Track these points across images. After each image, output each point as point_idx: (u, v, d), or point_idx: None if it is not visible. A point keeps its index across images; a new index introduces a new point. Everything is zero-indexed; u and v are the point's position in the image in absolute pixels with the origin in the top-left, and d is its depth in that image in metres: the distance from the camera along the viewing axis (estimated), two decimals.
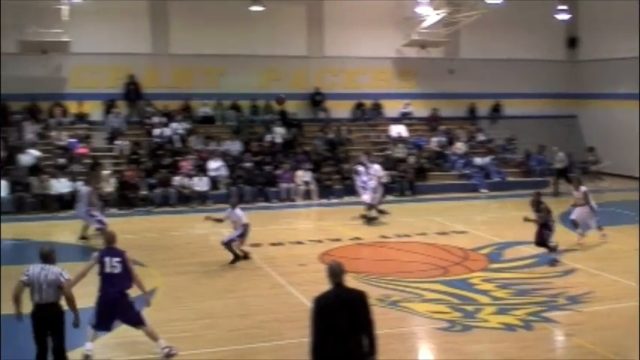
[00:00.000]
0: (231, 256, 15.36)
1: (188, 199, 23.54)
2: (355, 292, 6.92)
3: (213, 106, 28.23)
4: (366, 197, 20.48)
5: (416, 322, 11.76)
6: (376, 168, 20.94)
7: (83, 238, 18.07)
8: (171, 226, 20.54)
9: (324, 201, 24.49)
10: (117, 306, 9.47)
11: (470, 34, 29.72)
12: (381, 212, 20.81)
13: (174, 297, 12.90)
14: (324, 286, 6.90)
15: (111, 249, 9.51)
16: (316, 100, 29.32)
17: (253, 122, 28.28)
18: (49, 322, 8.34)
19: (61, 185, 22.46)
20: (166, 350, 9.76)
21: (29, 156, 23.66)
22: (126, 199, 22.96)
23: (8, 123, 25.39)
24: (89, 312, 9.61)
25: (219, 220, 15.63)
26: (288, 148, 26.91)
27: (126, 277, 9.46)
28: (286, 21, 28.71)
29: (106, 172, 23.24)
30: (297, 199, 24.75)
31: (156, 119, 26.59)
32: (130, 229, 19.83)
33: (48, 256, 8.56)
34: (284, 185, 24.76)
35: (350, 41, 28.92)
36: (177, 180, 23.79)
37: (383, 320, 8.92)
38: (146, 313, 11.68)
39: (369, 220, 20.25)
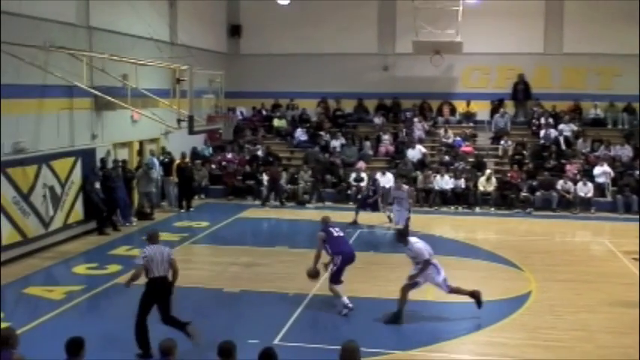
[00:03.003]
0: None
1: (570, 205, 22.57)
2: None
3: (605, 108, 26.68)
4: None
5: None
6: None
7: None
8: (550, 231, 19.86)
9: None
10: (353, 260, 11.89)
11: None
12: None
13: (548, 304, 12.44)
14: None
15: (329, 224, 12.12)
16: None
17: None
18: (162, 292, 9.53)
19: (444, 182, 23.20)
20: (346, 312, 11.34)
21: (417, 151, 24.97)
22: (505, 199, 22.88)
23: (399, 120, 27.19)
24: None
25: None
26: None
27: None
28: None
29: (488, 171, 23.44)
30: None
31: (543, 120, 26.03)
32: (508, 230, 19.77)
33: (154, 236, 9.90)
34: None
35: None
36: (560, 183, 22.94)
37: None
38: (517, 317, 11.55)
39: None
